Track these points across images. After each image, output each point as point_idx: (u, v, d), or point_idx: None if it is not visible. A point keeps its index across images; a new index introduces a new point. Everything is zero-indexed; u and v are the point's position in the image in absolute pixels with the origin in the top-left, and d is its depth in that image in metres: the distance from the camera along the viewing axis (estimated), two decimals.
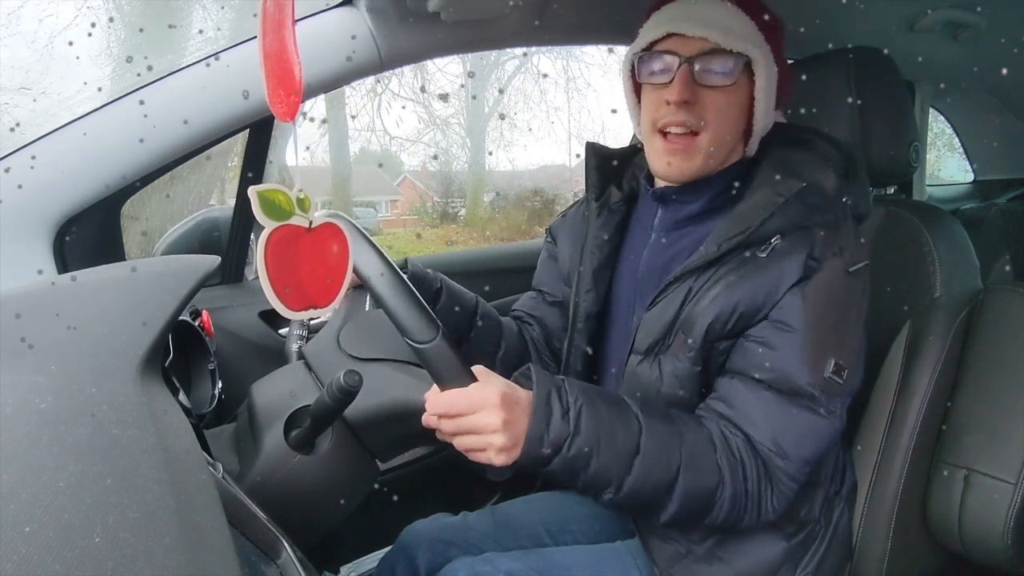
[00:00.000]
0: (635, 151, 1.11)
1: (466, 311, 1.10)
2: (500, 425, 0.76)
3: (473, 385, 0.79)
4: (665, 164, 0.93)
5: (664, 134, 0.92)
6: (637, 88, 0.98)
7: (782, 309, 0.85)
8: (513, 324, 1.18)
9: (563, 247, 1.15)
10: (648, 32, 0.93)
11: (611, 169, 1.09)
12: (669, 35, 0.90)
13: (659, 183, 1.01)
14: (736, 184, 0.95)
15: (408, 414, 0.87)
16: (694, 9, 0.90)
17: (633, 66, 0.95)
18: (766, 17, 0.92)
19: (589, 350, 1.07)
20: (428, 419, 0.81)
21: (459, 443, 0.80)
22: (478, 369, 0.81)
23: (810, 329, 0.84)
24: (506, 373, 0.84)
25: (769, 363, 0.85)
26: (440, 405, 0.79)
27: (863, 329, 0.89)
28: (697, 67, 0.88)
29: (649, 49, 0.92)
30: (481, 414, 0.77)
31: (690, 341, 0.88)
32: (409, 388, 0.89)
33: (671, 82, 0.89)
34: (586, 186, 1.09)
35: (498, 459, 0.78)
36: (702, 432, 0.85)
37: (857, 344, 0.88)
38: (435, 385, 0.80)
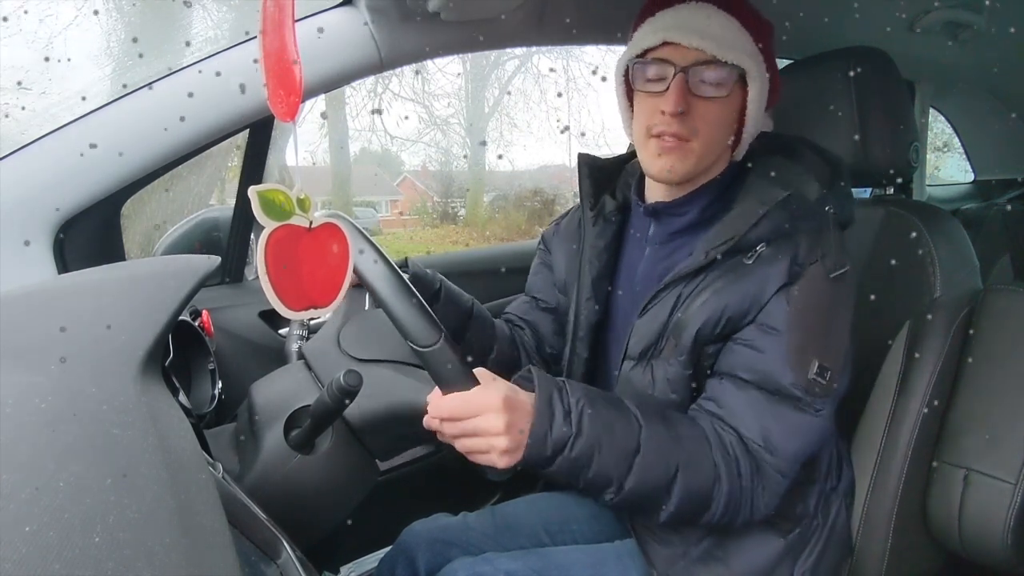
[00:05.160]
0: (626, 160, 1.11)
1: (462, 312, 1.10)
2: (503, 428, 0.77)
3: (475, 389, 0.79)
4: (660, 166, 0.93)
5: (658, 135, 0.93)
6: (630, 93, 0.98)
7: (768, 313, 0.87)
8: (505, 327, 1.18)
9: (558, 256, 1.15)
10: (642, 39, 0.93)
11: (604, 178, 1.10)
12: (664, 43, 0.90)
13: (649, 199, 1.02)
14: (725, 194, 0.97)
15: (411, 416, 0.87)
16: (689, 18, 0.90)
17: (627, 72, 0.95)
18: (759, 25, 0.93)
19: (589, 358, 1.08)
20: (430, 422, 0.81)
21: (461, 445, 0.80)
22: (480, 372, 0.81)
23: (793, 331, 0.86)
24: (497, 374, 0.84)
25: (755, 364, 0.87)
26: (443, 409, 0.79)
27: (849, 334, 0.90)
28: (692, 77, 0.89)
29: (644, 56, 0.92)
30: (484, 417, 0.77)
31: (680, 346, 0.90)
32: (411, 390, 0.89)
33: (666, 91, 0.89)
34: (580, 196, 1.10)
35: (501, 461, 0.78)
36: (696, 430, 0.87)
37: (842, 348, 0.89)
38: (436, 388, 0.80)
